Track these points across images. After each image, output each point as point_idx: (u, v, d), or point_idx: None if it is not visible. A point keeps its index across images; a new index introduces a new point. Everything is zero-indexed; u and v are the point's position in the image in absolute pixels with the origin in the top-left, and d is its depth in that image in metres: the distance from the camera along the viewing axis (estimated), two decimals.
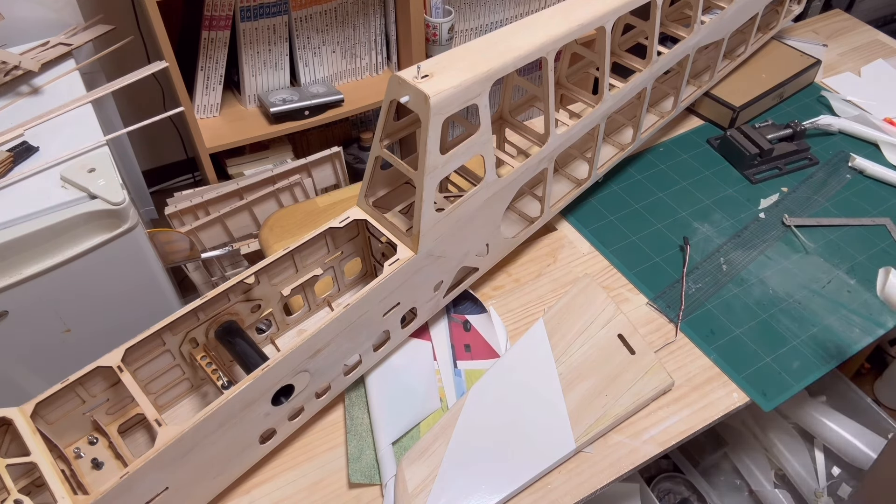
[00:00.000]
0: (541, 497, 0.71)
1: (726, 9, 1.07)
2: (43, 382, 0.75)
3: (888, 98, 1.26)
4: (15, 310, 0.92)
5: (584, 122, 0.88)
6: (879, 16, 2.68)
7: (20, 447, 0.59)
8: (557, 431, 0.75)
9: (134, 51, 1.44)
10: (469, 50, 0.72)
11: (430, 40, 1.55)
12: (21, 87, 1.10)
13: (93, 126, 1.02)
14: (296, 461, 0.74)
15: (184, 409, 0.75)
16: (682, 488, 1.23)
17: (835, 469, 1.15)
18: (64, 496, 0.55)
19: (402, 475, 0.70)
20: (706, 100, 1.19)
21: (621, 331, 0.84)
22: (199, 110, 1.46)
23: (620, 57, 1.00)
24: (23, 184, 0.93)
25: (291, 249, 0.74)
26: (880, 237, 1.00)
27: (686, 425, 0.78)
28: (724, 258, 0.96)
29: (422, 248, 0.73)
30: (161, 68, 1.12)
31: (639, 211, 1.04)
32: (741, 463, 1.20)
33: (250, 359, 0.68)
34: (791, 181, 1.09)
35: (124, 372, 0.63)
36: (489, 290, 0.92)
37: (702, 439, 1.22)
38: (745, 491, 1.20)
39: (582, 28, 0.80)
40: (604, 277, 0.94)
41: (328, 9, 1.46)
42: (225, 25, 1.36)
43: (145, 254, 1.02)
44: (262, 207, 1.40)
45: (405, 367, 0.81)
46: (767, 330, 0.88)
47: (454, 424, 0.75)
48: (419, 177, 0.68)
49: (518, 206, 0.96)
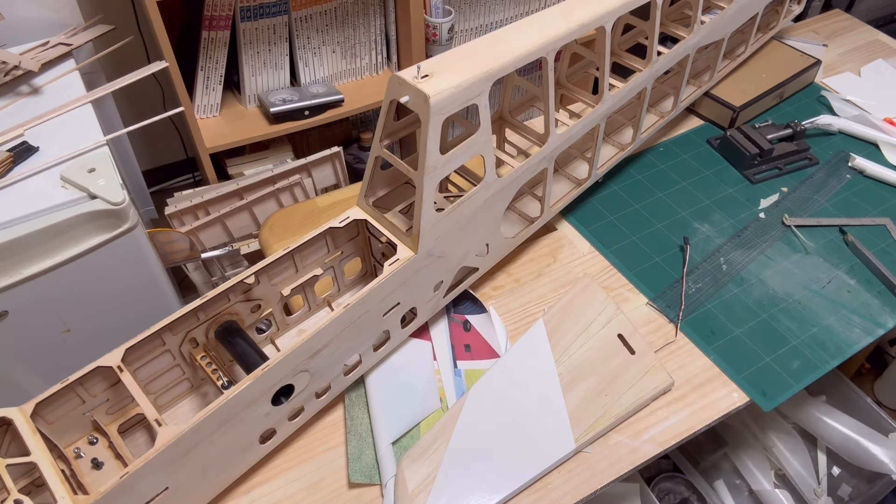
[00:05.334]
0: (541, 497, 0.71)
1: (726, 9, 1.07)
2: (43, 382, 0.75)
3: (888, 98, 1.26)
4: (15, 310, 0.92)
5: (584, 122, 0.88)
6: (879, 16, 2.68)
7: (20, 447, 0.59)
8: (557, 431, 0.75)
9: (134, 51, 1.45)
10: (469, 50, 0.72)
11: (430, 40, 1.55)
12: (21, 87, 1.10)
13: (93, 126, 1.02)
14: (296, 461, 0.74)
15: (184, 409, 0.75)
16: (682, 488, 1.23)
17: (835, 469, 1.15)
18: (64, 496, 0.55)
19: (402, 475, 0.70)
20: (706, 100, 1.19)
21: (621, 331, 0.84)
22: (199, 110, 1.46)
23: (620, 57, 1.00)
24: (23, 184, 0.93)
25: (291, 249, 0.74)
26: (880, 237, 1.00)
27: (686, 425, 0.78)
28: (724, 258, 0.96)
29: (422, 248, 0.73)
30: (161, 68, 1.12)
31: (639, 211, 1.04)
32: (741, 463, 1.20)
33: (250, 359, 0.68)
34: (791, 181, 1.09)
35: (124, 372, 0.63)
36: (489, 290, 0.92)
37: (702, 439, 1.21)
38: (745, 491, 1.19)
39: (582, 28, 0.80)
40: (604, 277, 0.94)
41: (328, 9, 1.46)
42: (225, 25, 1.36)
43: (145, 254, 1.02)
44: (262, 207, 1.41)
45: (405, 367, 0.81)
46: (767, 330, 0.88)
47: (454, 424, 0.75)
48: (419, 177, 0.68)
49: (518, 206, 0.96)
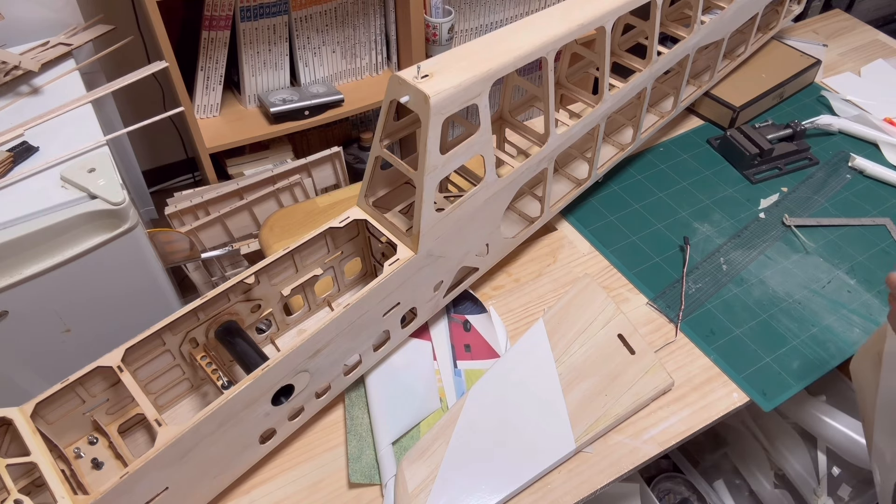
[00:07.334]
0: (541, 497, 0.71)
1: (726, 9, 1.07)
2: (43, 382, 0.75)
3: (888, 98, 1.26)
4: (15, 310, 0.92)
5: (584, 122, 0.88)
6: (879, 16, 2.68)
7: (20, 447, 0.59)
8: (557, 431, 0.75)
9: (134, 51, 1.44)
10: (469, 50, 0.72)
11: (430, 40, 1.55)
12: (21, 87, 1.10)
13: (93, 126, 1.02)
14: (296, 461, 0.74)
15: (184, 409, 0.75)
16: (682, 488, 1.23)
17: (835, 469, 1.15)
18: (64, 496, 0.55)
19: (402, 475, 0.70)
20: (706, 100, 1.19)
21: (621, 331, 0.84)
22: (199, 110, 1.46)
23: (620, 57, 1.00)
24: (23, 184, 0.93)
25: (291, 249, 0.74)
26: (880, 237, 1.00)
27: (686, 425, 0.78)
28: (724, 258, 0.96)
29: (422, 248, 0.73)
30: (161, 68, 1.12)
31: (639, 211, 1.04)
32: (741, 463, 1.20)
33: (250, 359, 0.68)
34: (791, 181, 1.09)
35: (124, 372, 0.63)
36: (489, 290, 0.92)
37: (702, 439, 1.21)
38: (745, 491, 1.19)
39: (582, 28, 0.80)
40: (604, 277, 0.94)
41: (328, 9, 1.46)
42: (225, 25, 1.36)
43: (145, 254, 1.02)
44: (262, 207, 1.40)
45: (405, 367, 0.81)
46: (767, 330, 0.88)
47: (454, 424, 0.75)
48: (419, 177, 0.68)
49: (518, 206, 0.96)
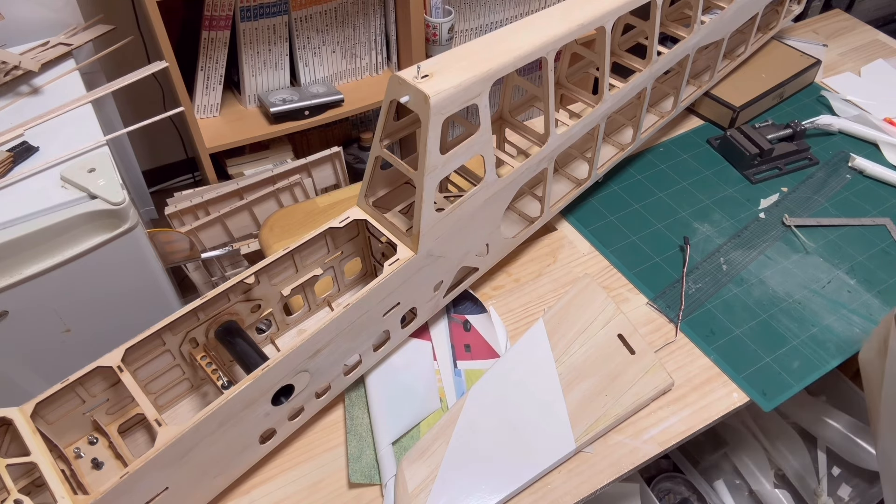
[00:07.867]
0: (541, 497, 0.71)
1: (726, 9, 1.07)
2: (43, 382, 0.75)
3: (888, 98, 1.26)
4: (15, 310, 0.92)
5: (584, 122, 0.88)
6: (879, 16, 2.68)
7: (20, 447, 0.59)
8: (557, 431, 0.75)
9: (134, 51, 1.45)
10: (469, 50, 0.72)
11: (430, 40, 1.55)
12: (21, 87, 1.10)
13: (93, 126, 1.02)
14: (296, 461, 0.74)
15: (184, 409, 0.75)
16: (682, 488, 1.23)
17: (835, 469, 1.15)
18: (64, 496, 0.55)
19: (402, 475, 0.70)
20: (706, 100, 1.19)
21: (621, 331, 0.84)
22: (199, 110, 1.46)
23: (620, 57, 1.00)
24: (23, 184, 0.93)
25: (291, 249, 0.74)
26: (880, 237, 1.00)
27: (686, 425, 0.78)
28: (724, 258, 0.96)
29: (422, 248, 0.73)
30: (161, 68, 1.12)
31: (639, 211, 1.04)
32: (741, 463, 1.20)
33: (250, 359, 0.68)
34: (791, 181, 1.09)
35: (124, 372, 0.63)
36: (489, 290, 0.92)
37: (702, 439, 1.21)
38: (745, 491, 1.19)
39: (582, 28, 0.80)
40: (604, 277, 0.94)
41: (328, 9, 1.46)
42: (225, 25, 1.36)
43: (145, 254, 1.02)
44: (262, 207, 1.41)
45: (405, 367, 0.81)
46: (767, 330, 0.88)
47: (454, 424, 0.75)
48: (419, 177, 0.68)
49: (518, 206, 0.96)
